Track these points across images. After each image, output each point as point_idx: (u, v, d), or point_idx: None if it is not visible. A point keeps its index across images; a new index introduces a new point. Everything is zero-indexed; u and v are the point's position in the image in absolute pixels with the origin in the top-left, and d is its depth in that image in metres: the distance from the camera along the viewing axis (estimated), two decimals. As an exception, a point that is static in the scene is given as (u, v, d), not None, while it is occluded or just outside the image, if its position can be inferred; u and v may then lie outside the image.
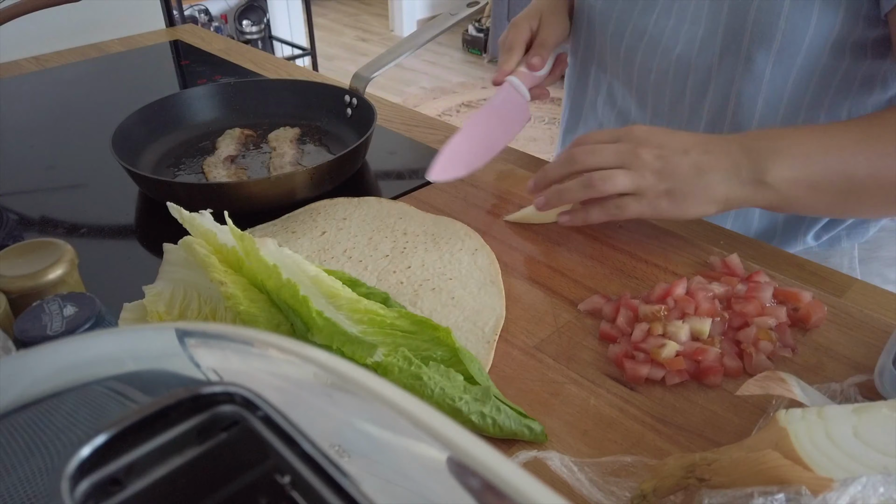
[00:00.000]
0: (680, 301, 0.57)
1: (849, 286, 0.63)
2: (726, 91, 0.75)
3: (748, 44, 0.70)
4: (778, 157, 0.62)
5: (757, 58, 0.71)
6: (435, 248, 0.67)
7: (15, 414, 0.24)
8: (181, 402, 0.23)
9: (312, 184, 0.75)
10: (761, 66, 0.71)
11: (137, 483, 0.22)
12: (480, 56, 4.41)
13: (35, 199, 0.81)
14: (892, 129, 0.63)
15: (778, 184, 0.62)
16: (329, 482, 0.21)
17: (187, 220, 0.55)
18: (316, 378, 0.26)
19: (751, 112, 0.75)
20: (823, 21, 0.67)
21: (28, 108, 1.06)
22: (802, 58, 0.69)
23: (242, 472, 0.23)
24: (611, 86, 0.88)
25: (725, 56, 0.73)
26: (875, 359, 0.51)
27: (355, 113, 0.90)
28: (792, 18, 0.67)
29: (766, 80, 0.72)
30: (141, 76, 1.21)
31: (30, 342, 0.45)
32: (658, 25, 0.78)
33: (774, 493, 0.36)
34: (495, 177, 0.82)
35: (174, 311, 0.53)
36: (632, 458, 0.45)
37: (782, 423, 0.39)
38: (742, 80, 0.73)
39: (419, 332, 0.51)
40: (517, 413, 0.48)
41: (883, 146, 0.62)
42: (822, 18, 0.67)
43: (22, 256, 0.54)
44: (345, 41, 4.76)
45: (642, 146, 0.63)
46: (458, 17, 0.92)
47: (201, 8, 3.71)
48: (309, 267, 0.53)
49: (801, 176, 0.62)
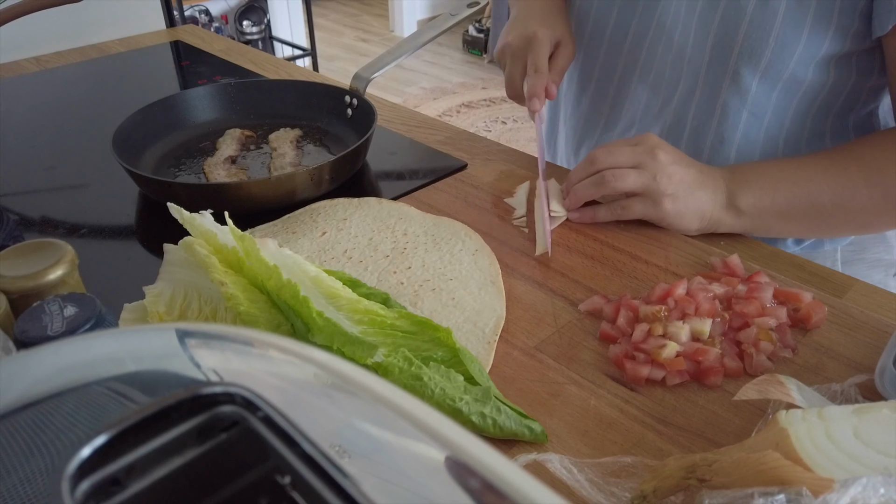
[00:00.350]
0: (680, 301, 0.57)
1: (849, 286, 0.63)
2: (711, 102, 0.76)
3: (736, 59, 0.71)
4: (749, 186, 0.68)
5: (744, 73, 0.72)
6: (435, 248, 0.67)
7: (15, 414, 0.24)
8: (181, 403, 0.23)
9: (313, 184, 0.75)
10: (748, 81, 0.72)
11: (138, 483, 0.22)
12: (480, 56, 4.41)
13: (35, 200, 0.81)
14: (858, 162, 0.68)
15: (749, 210, 0.68)
16: (329, 482, 0.21)
17: (188, 220, 0.55)
18: (316, 378, 0.26)
19: (734, 125, 0.76)
20: (813, 39, 0.68)
21: (28, 108, 1.06)
22: (789, 74, 0.70)
23: (243, 473, 0.23)
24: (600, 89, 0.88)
25: (712, 68, 0.74)
26: (875, 359, 0.51)
27: (356, 113, 0.90)
28: (782, 36, 0.68)
29: (751, 95, 0.73)
30: (141, 76, 1.21)
31: (30, 342, 0.45)
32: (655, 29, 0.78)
33: (775, 493, 0.36)
34: (495, 177, 0.82)
35: (174, 312, 0.53)
36: (632, 459, 0.45)
37: (783, 424, 0.39)
38: (728, 92, 0.74)
39: (419, 332, 0.51)
40: (517, 413, 0.48)
41: (848, 178, 0.67)
42: (812, 37, 0.67)
43: (22, 257, 0.54)
44: (345, 41, 4.76)
45: (659, 149, 0.68)
46: (459, 18, 0.92)
47: (201, 8, 3.71)
48: (309, 267, 0.53)
49: (768, 204, 0.68)
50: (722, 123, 0.76)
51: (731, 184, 0.68)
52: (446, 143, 0.91)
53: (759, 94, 0.73)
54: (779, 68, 0.70)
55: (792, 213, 0.68)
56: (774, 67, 0.70)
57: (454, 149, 0.90)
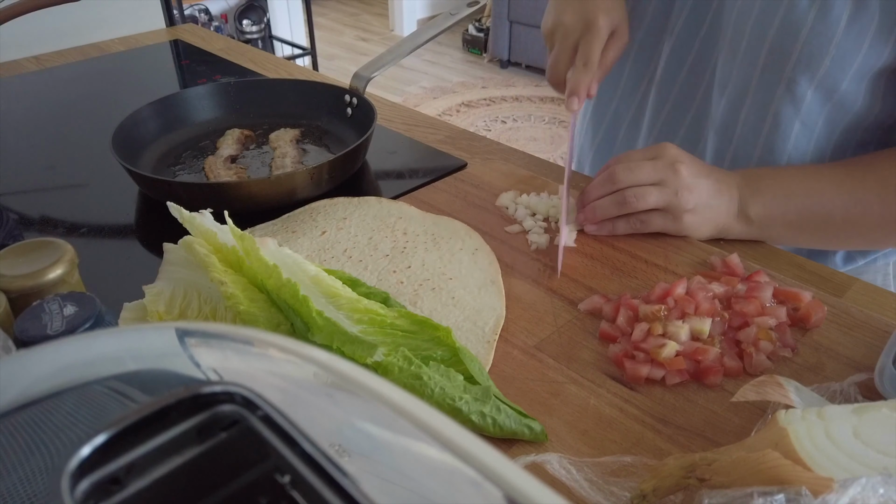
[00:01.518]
0: (680, 301, 0.57)
1: (849, 286, 0.63)
2: (763, 109, 0.73)
3: (793, 66, 0.69)
4: (761, 194, 0.67)
5: (801, 81, 0.69)
6: (435, 247, 0.67)
7: (15, 413, 0.24)
8: (181, 402, 0.23)
9: (312, 183, 0.75)
10: (803, 90, 0.70)
11: (137, 482, 0.22)
12: (480, 56, 4.41)
13: (35, 199, 0.81)
14: (875, 177, 0.67)
15: (758, 219, 0.67)
16: (329, 482, 0.21)
17: (187, 219, 0.55)
18: (316, 378, 0.26)
19: (786, 135, 0.73)
20: (873, 50, 0.65)
21: (28, 108, 1.06)
22: (846, 85, 0.68)
23: (242, 472, 0.23)
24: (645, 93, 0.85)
25: (766, 74, 0.71)
26: (875, 358, 0.51)
27: (355, 112, 0.90)
28: (843, 45, 0.66)
29: (805, 104, 0.71)
30: (141, 76, 1.21)
31: (30, 342, 0.45)
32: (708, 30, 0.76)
33: (774, 493, 0.36)
34: (495, 177, 0.82)
35: (174, 311, 0.53)
36: (632, 458, 0.45)
37: (782, 423, 0.39)
38: (781, 101, 0.71)
39: (419, 331, 0.51)
40: (517, 413, 0.48)
41: (862, 191, 0.66)
42: (873, 48, 0.65)
43: (22, 256, 0.54)
44: (345, 41, 4.76)
45: (680, 163, 0.66)
46: (459, 17, 0.92)
47: (201, 7, 3.71)
48: (309, 267, 0.53)
49: (778, 215, 0.67)
50: (773, 132, 0.74)
51: (744, 191, 0.68)
52: (446, 143, 0.91)
53: (813, 105, 0.70)
54: (836, 78, 0.68)
55: (802, 225, 0.68)
56: (831, 77, 0.68)
57: (454, 148, 0.90)
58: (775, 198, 0.67)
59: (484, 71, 4.22)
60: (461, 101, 3.82)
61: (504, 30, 4.04)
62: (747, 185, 0.68)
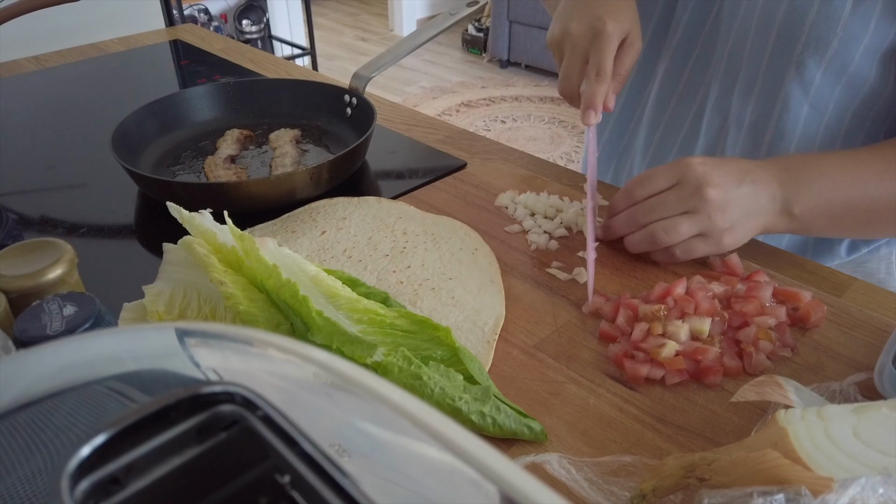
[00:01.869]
0: (680, 301, 0.57)
1: (848, 286, 0.63)
2: (773, 94, 0.73)
3: (801, 48, 0.68)
4: (806, 189, 0.63)
5: (809, 63, 0.69)
6: (435, 247, 0.67)
7: (15, 413, 0.24)
8: (181, 402, 0.23)
9: (312, 183, 0.75)
10: (812, 72, 0.69)
11: (137, 482, 0.22)
12: (480, 56, 4.41)
13: (35, 199, 0.81)
14: None
15: (803, 215, 0.64)
16: (329, 482, 0.21)
17: (187, 219, 0.55)
18: (316, 378, 0.26)
19: (796, 118, 0.73)
20: (880, 30, 0.66)
21: (28, 108, 1.06)
22: (854, 67, 0.68)
23: (242, 472, 0.23)
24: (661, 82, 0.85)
25: (775, 59, 0.71)
26: (875, 358, 0.51)
27: (355, 112, 0.90)
28: (850, 26, 0.66)
29: (814, 87, 0.70)
30: (141, 76, 1.21)
31: (30, 342, 0.45)
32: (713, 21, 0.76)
33: (774, 493, 0.36)
34: (495, 176, 0.82)
35: (174, 311, 0.53)
36: (631, 458, 0.45)
37: (782, 423, 0.39)
38: (791, 84, 0.71)
39: (419, 331, 0.51)
40: (517, 412, 0.48)
41: None
42: (880, 27, 0.66)
43: (22, 256, 0.54)
44: (345, 41, 4.76)
45: (706, 185, 0.61)
46: (458, 17, 0.92)
47: (201, 7, 3.71)
48: (309, 266, 0.53)
49: (824, 207, 0.64)
50: (783, 116, 0.73)
51: (787, 188, 0.63)
52: (446, 143, 0.91)
53: (823, 87, 0.70)
54: (844, 59, 0.68)
55: (844, 218, 0.65)
56: (840, 58, 0.68)
57: (454, 148, 0.90)
58: (821, 191, 0.64)
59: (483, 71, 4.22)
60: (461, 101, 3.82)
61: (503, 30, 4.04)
62: (790, 180, 0.63)
